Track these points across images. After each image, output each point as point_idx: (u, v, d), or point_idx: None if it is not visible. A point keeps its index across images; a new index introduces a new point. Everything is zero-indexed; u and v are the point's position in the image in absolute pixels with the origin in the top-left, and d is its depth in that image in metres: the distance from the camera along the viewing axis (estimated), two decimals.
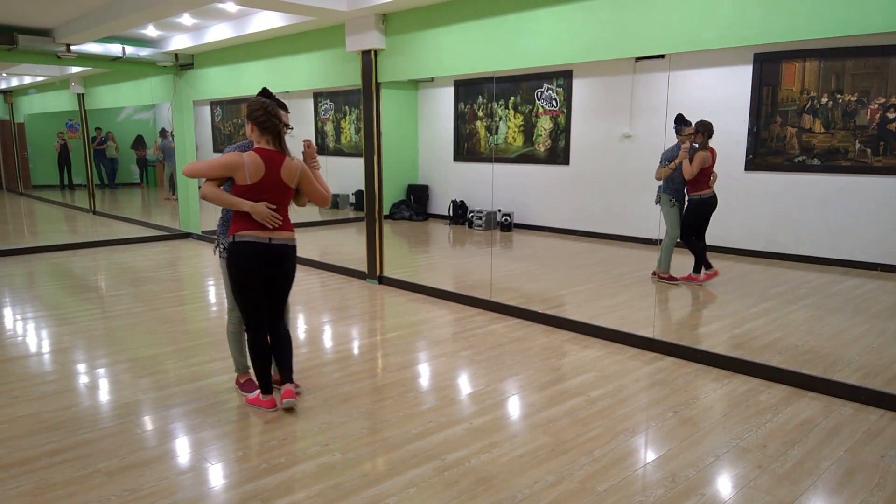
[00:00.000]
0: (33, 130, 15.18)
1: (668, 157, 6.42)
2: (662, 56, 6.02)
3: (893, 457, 3.23)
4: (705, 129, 6.31)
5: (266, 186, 3.48)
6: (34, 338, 5.18)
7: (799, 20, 3.91)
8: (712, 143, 6.43)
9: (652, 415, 3.72)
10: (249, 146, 3.58)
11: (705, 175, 6.38)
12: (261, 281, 3.58)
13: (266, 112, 3.48)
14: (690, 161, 6.27)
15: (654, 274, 6.81)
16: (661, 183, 6.60)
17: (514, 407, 3.86)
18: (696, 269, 6.62)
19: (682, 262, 6.77)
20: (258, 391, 3.81)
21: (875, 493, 2.91)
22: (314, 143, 3.80)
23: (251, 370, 3.91)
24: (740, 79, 7.89)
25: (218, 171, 3.44)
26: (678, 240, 6.62)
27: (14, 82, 13.82)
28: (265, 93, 3.63)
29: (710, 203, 6.49)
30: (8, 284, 7.00)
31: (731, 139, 7.61)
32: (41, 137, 15.12)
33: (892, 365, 4.45)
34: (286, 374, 3.78)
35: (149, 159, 15.45)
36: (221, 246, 3.76)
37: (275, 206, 3.52)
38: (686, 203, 6.54)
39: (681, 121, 6.41)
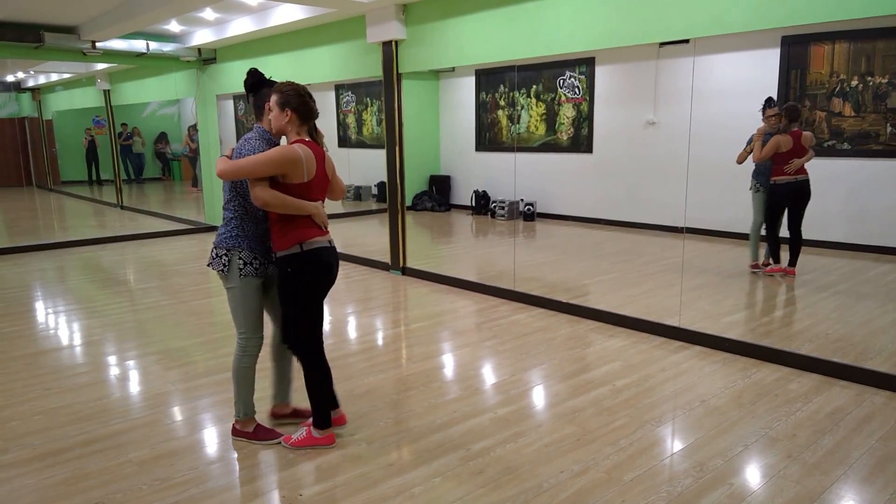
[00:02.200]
0: (61, 127, 15.41)
1: (751, 139, 6.25)
2: (687, 41, 5.92)
3: None
4: (788, 112, 6.03)
5: (318, 183, 3.08)
6: (66, 331, 5.28)
7: (829, 0, 3.83)
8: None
9: (678, 404, 3.68)
10: (267, 137, 3.13)
11: (784, 160, 6.05)
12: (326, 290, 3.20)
13: (303, 97, 3.04)
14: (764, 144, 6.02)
15: (751, 267, 6.49)
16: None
17: (538, 397, 3.85)
18: (791, 262, 6.24)
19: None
20: (306, 430, 3.27)
21: None
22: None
23: (250, 414, 3.35)
24: (767, 62, 7.74)
25: (272, 169, 2.92)
26: (760, 227, 6.36)
27: (42, 80, 14.03)
28: (258, 75, 3.20)
29: (788, 190, 6.09)
30: (39, 278, 7.13)
31: (758, 124, 7.48)
32: (69, 134, 15.35)
33: None
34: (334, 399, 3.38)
35: (179, 153, 15.61)
36: (223, 265, 3.12)
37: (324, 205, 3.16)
38: (768, 190, 6.27)
39: (767, 103, 6.19)
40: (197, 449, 3.26)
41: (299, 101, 3.02)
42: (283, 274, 3.07)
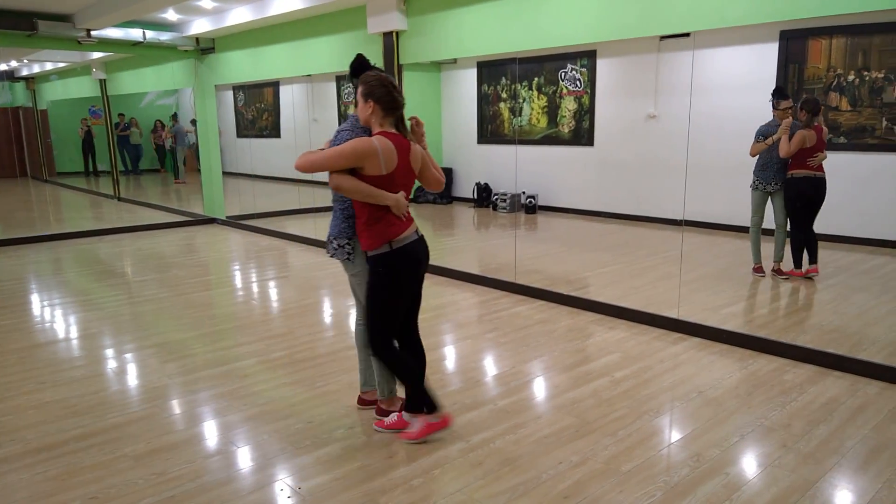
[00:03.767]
0: (56, 117, 15.31)
1: (764, 132, 5.97)
2: (687, 34, 5.90)
3: None
4: (810, 105, 5.76)
5: (398, 177, 3.03)
6: (61, 324, 5.26)
7: None
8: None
9: (676, 395, 3.69)
10: (359, 126, 3.12)
11: (806, 155, 5.82)
12: (415, 285, 3.21)
13: (388, 87, 3.02)
14: (790, 139, 5.75)
15: (772, 271, 6.21)
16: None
17: (538, 388, 3.86)
18: (796, 264, 6.05)
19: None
20: (422, 418, 3.22)
21: None
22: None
23: (395, 392, 3.44)
24: (766, 57, 7.74)
25: (346, 162, 2.92)
26: (759, 227, 6.17)
27: (36, 69, 13.93)
28: (362, 59, 3.15)
29: (812, 185, 5.83)
30: (35, 271, 7.11)
31: (756, 118, 7.48)
32: (64, 124, 15.25)
33: None
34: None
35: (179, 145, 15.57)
36: (347, 253, 3.21)
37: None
38: (784, 185, 6.00)
39: (778, 93, 5.93)
40: (195, 443, 3.25)
41: (383, 92, 3.00)
42: (375, 272, 3.07)
